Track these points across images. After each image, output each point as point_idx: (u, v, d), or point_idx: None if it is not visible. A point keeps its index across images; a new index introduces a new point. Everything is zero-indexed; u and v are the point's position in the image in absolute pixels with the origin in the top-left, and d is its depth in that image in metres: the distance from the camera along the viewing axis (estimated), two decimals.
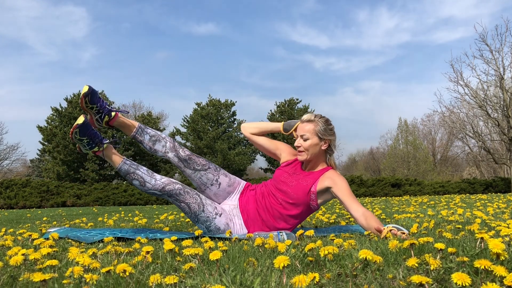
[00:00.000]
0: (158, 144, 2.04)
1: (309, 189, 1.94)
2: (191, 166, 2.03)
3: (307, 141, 1.96)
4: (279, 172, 2.08)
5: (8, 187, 14.72)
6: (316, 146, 1.96)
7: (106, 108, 1.97)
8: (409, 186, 17.53)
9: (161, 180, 1.96)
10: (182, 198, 1.95)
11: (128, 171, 1.96)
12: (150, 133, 2.05)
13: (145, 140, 2.04)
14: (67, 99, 21.95)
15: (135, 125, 2.04)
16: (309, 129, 1.96)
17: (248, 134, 2.19)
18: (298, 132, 2.00)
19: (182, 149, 2.06)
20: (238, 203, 2.07)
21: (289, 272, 1.01)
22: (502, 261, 0.96)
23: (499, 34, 18.46)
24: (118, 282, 0.92)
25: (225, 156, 21.90)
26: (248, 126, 2.20)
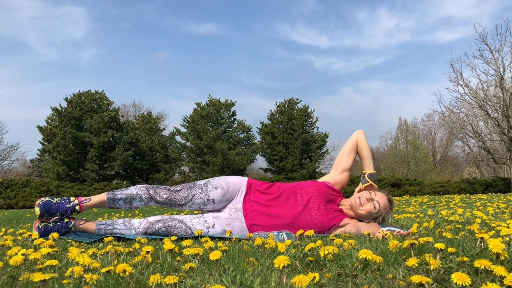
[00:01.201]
0: (135, 202, 1.99)
1: (336, 223, 1.97)
2: (175, 204, 2.00)
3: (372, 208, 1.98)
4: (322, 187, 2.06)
5: (8, 187, 14.72)
6: (369, 217, 2.01)
7: (68, 208, 1.91)
8: (409, 186, 17.53)
9: (140, 227, 1.93)
10: (167, 232, 1.93)
11: (106, 233, 1.92)
12: (122, 197, 1.98)
13: (121, 206, 1.99)
14: (67, 99, 21.94)
15: (103, 200, 1.97)
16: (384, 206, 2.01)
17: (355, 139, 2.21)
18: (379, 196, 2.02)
19: (158, 195, 1.99)
20: (242, 206, 2.02)
21: (289, 272, 1.01)
22: (502, 261, 0.96)
23: (499, 34, 18.48)
24: (118, 282, 0.92)
25: (225, 156, 21.90)
26: (362, 137, 2.21)
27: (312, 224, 1.94)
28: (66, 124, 21.37)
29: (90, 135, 21.39)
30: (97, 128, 21.54)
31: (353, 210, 2.02)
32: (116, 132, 22.62)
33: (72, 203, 1.92)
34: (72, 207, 1.92)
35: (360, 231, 1.81)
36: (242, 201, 2.02)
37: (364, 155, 2.18)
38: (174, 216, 2.01)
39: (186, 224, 1.95)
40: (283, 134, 23.43)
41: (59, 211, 1.89)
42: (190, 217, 1.99)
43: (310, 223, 1.94)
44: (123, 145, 22.41)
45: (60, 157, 20.81)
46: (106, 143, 21.75)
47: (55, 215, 1.89)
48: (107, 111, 22.27)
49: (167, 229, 1.94)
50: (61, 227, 1.88)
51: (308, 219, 1.95)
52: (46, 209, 1.87)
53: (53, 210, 1.88)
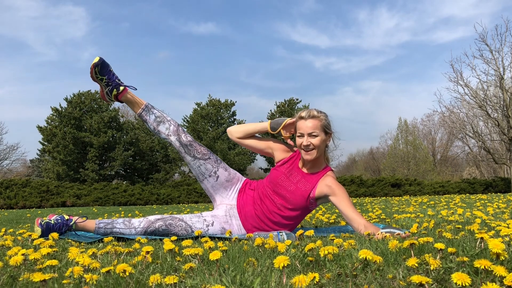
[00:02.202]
0: (162, 126, 2.03)
1: (308, 194, 1.93)
2: (191, 153, 2.02)
3: (316, 138, 1.88)
4: (275, 173, 2.01)
5: (8, 187, 14.72)
6: (323, 142, 1.92)
7: (115, 82, 1.98)
8: (409, 186, 17.53)
9: (140, 226, 1.93)
10: (168, 231, 1.94)
11: (105, 233, 1.93)
12: (156, 113, 2.04)
13: (150, 120, 2.03)
14: (67, 99, 21.94)
15: (143, 103, 2.05)
16: (316, 125, 1.88)
17: (234, 139, 2.12)
18: (303, 130, 1.89)
19: (185, 134, 2.05)
20: (236, 203, 2.06)
21: (289, 272, 1.01)
22: (502, 261, 0.96)
23: (499, 34, 18.48)
24: (118, 282, 0.92)
25: (225, 156, 21.91)
26: (233, 130, 2.12)
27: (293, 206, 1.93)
28: (66, 124, 21.38)
29: (90, 135, 21.39)
30: (97, 128, 21.54)
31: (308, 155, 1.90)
32: (116, 132, 22.62)
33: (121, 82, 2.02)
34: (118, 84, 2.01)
35: (358, 230, 1.80)
36: (236, 198, 2.06)
37: (250, 131, 2.10)
38: (174, 215, 2.01)
39: (186, 223, 1.95)
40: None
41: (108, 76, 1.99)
42: (190, 216, 2.00)
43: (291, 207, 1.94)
44: (123, 145, 22.41)
45: (60, 157, 20.81)
46: (106, 143, 21.75)
47: (103, 77, 1.98)
48: (107, 111, 22.28)
49: (167, 228, 1.94)
50: (62, 225, 1.90)
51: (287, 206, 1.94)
52: (103, 65, 1.98)
53: (105, 71, 1.99)
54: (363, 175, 23.82)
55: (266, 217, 1.97)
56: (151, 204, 14.99)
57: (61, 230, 1.89)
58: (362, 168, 36.00)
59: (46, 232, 1.85)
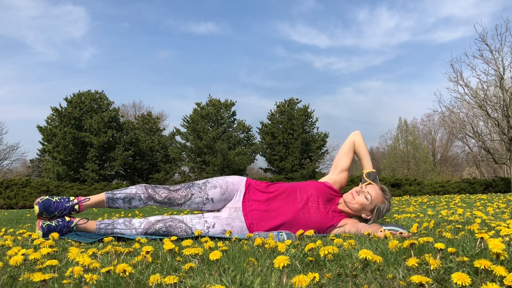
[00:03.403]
0: (134, 202, 2.00)
1: (334, 223, 1.98)
2: (174, 203, 2.01)
3: (365, 201, 1.99)
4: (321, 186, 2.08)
5: (8, 187, 14.72)
6: (364, 210, 2.02)
7: (67, 207, 1.93)
8: (409, 186, 17.53)
9: (140, 227, 1.94)
10: (168, 232, 1.94)
11: (106, 233, 1.93)
12: (121, 197, 1.99)
13: (120, 205, 2.00)
14: (67, 99, 21.94)
15: (103, 199, 1.98)
16: (377, 196, 2.01)
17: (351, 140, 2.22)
18: (369, 186, 2.04)
19: (157, 194, 2.00)
20: (241, 205, 2.02)
21: (289, 272, 1.01)
22: (502, 261, 0.96)
23: (499, 34, 18.47)
24: (118, 282, 0.92)
25: (225, 156, 21.90)
26: (359, 138, 2.23)
27: (311, 222, 1.95)
28: (66, 124, 21.37)
29: (90, 135, 21.39)
30: (97, 128, 21.54)
31: (347, 206, 2.03)
32: (116, 132, 22.62)
33: (71, 202, 1.94)
34: (71, 206, 1.93)
35: (360, 231, 1.81)
36: (242, 201, 2.03)
37: (362, 155, 2.21)
38: (174, 216, 2.01)
39: (187, 224, 1.95)
40: (283, 134, 23.43)
41: (58, 209, 1.91)
42: (190, 217, 2.00)
43: (309, 222, 1.95)
44: (123, 145, 22.41)
45: (60, 157, 20.81)
46: (106, 143, 21.75)
47: (53, 214, 1.91)
48: (107, 111, 22.27)
49: (167, 229, 1.94)
50: (63, 227, 1.90)
51: (307, 218, 1.95)
52: (45, 207, 1.89)
53: (52, 208, 1.90)
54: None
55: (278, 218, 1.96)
56: None
57: (62, 232, 1.89)
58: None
59: (47, 235, 1.85)
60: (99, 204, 1.99)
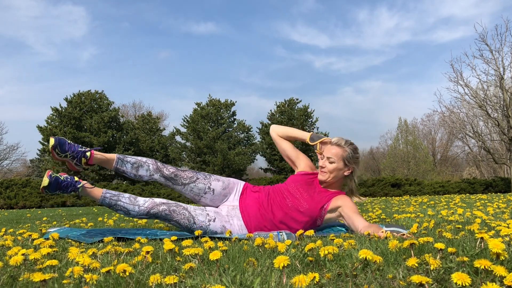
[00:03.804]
0: (141, 170, 2.02)
1: (323, 205, 1.97)
2: (179, 182, 2.03)
3: (333, 164, 1.99)
4: (296, 177, 2.09)
5: (8, 187, 14.72)
6: (339, 171, 2.01)
7: (79, 151, 1.95)
8: (409, 186, 17.53)
9: (144, 205, 1.94)
10: (170, 217, 1.94)
11: (110, 204, 1.94)
12: (130, 161, 2.02)
13: (127, 170, 2.02)
14: (67, 99, 21.94)
15: (113, 158, 2.01)
16: (337, 153, 2.00)
17: (275, 135, 2.22)
18: (325, 153, 2.03)
19: (166, 168, 2.04)
20: (238, 203, 2.06)
21: (289, 272, 1.01)
22: (502, 261, 0.96)
23: (499, 34, 18.48)
24: (118, 282, 0.92)
25: (225, 156, 21.90)
26: (277, 128, 2.24)
27: (303, 211, 1.96)
28: (66, 124, 21.37)
29: (90, 135, 21.39)
30: (97, 128, 21.54)
31: (327, 182, 2.04)
32: (116, 132, 22.62)
33: (84, 149, 1.97)
34: (83, 151, 1.96)
35: (359, 230, 1.80)
36: (239, 200, 2.07)
37: (291, 134, 2.21)
38: (179, 203, 2.03)
39: (190, 213, 1.96)
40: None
41: (71, 150, 1.94)
42: (194, 208, 2.02)
43: (301, 211, 1.96)
44: (123, 145, 22.41)
45: None
46: (106, 143, 21.75)
47: (66, 153, 1.92)
48: (107, 111, 22.28)
49: (170, 213, 1.94)
50: (70, 184, 1.91)
51: (297, 209, 1.97)
52: (60, 143, 1.91)
53: (65, 147, 1.93)
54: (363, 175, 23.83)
55: (272, 214, 1.98)
56: None
57: (68, 189, 1.90)
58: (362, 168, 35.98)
59: (53, 185, 1.86)
60: (108, 163, 2.01)
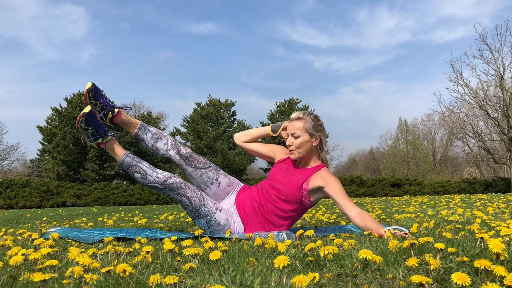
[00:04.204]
0: (160, 142, 2.08)
1: (301, 185, 1.95)
2: (192, 164, 2.06)
3: (298, 138, 1.97)
4: (273, 169, 2.11)
5: (8, 187, 14.72)
6: (307, 143, 1.98)
7: (109, 105, 2.03)
8: (409, 186, 17.53)
9: (162, 174, 2.01)
10: (183, 192, 1.97)
11: (130, 163, 2.01)
12: (152, 131, 2.09)
13: (147, 138, 2.08)
14: (67, 99, 21.95)
15: (137, 123, 2.09)
16: (299, 126, 1.98)
17: (240, 143, 2.23)
18: (288, 130, 2.02)
19: (183, 147, 2.11)
20: (234, 201, 2.09)
21: (289, 272, 1.01)
22: (502, 261, 0.96)
23: (499, 34, 18.49)
24: (118, 282, 0.92)
25: (225, 156, 21.90)
26: (239, 135, 2.25)
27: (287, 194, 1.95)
28: (66, 124, 21.37)
29: None
30: None
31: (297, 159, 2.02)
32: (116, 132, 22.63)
33: (113, 103, 2.07)
34: (112, 106, 2.05)
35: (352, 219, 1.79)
36: (235, 199, 2.11)
37: (254, 135, 2.23)
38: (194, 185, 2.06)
39: (202, 195, 1.99)
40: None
41: (103, 99, 2.01)
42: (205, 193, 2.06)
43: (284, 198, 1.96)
44: (123, 145, 22.43)
45: (60, 157, 20.81)
46: None
47: (98, 101, 2.00)
48: None
49: (185, 188, 1.98)
50: (102, 127, 2.04)
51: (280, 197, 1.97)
52: (96, 89, 1.99)
53: (99, 95, 2.01)
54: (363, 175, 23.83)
55: (263, 209, 2.00)
56: (151, 204, 14.99)
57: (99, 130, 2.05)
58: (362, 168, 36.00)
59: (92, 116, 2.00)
60: (131, 126, 2.08)
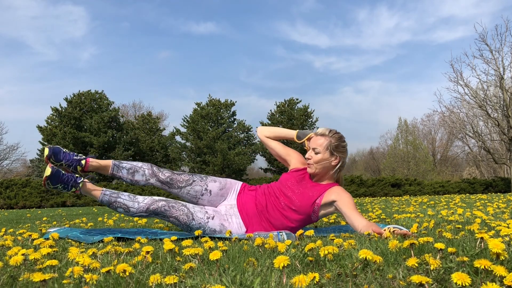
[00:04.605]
0: (137, 175, 2.03)
1: (314, 200, 1.95)
2: (175, 186, 2.04)
3: (318, 154, 1.98)
4: (287, 176, 2.08)
5: (8, 187, 14.72)
6: (326, 161, 1.98)
7: (74, 159, 1.96)
8: (409, 186, 17.53)
9: (144, 201, 1.95)
10: (169, 213, 1.95)
11: (109, 201, 1.95)
12: (126, 167, 2.03)
13: (123, 175, 2.03)
14: (67, 99, 21.94)
15: (109, 165, 2.02)
16: (321, 143, 1.98)
17: (262, 137, 2.23)
18: (310, 144, 2.03)
19: (161, 172, 2.04)
20: (236, 202, 2.07)
21: (289, 272, 1.01)
22: (502, 261, 0.96)
23: (499, 34, 18.49)
24: (118, 282, 0.92)
25: (225, 156, 21.90)
26: (263, 129, 2.24)
27: (297, 207, 1.95)
28: (66, 124, 21.37)
29: (90, 135, 21.39)
30: (97, 128, 21.54)
31: (314, 174, 2.02)
32: (116, 132, 22.62)
33: (79, 157, 1.98)
34: (78, 160, 1.97)
35: (360, 231, 1.80)
36: (236, 199, 2.08)
37: (280, 134, 2.23)
38: (178, 200, 2.03)
39: (189, 209, 1.96)
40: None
41: (66, 159, 1.95)
42: (192, 205, 2.02)
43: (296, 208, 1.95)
44: (123, 145, 22.41)
45: None
46: (106, 143, 21.75)
47: (61, 162, 1.94)
48: (107, 111, 22.28)
49: (169, 209, 1.95)
50: (70, 179, 1.93)
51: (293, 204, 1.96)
52: (55, 152, 1.92)
53: (60, 156, 1.94)
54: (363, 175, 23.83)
55: (269, 215, 1.98)
56: None
57: (69, 184, 1.92)
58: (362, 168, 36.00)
59: (55, 176, 1.88)
60: (104, 169, 2.02)
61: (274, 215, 1.98)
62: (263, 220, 1.99)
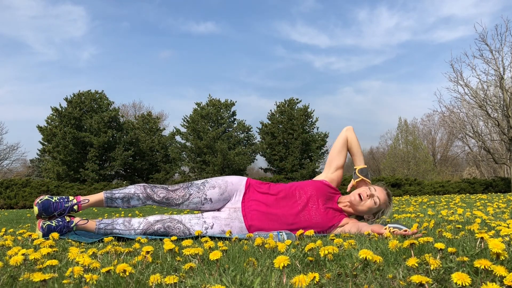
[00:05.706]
0: (132, 201, 2.00)
1: (334, 223, 1.98)
2: (172, 203, 2.01)
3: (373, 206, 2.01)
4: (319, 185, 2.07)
5: (8, 187, 14.72)
6: (369, 213, 2.04)
7: (66, 208, 1.94)
8: (409, 186, 17.53)
9: (139, 227, 1.94)
10: (166, 233, 1.95)
11: (105, 232, 1.94)
12: (119, 196, 1.99)
13: (119, 204, 2.01)
14: (67, 99, 21.95)
15: (101, 198, 1.98)
16: (384, 201, 2.04)
17: (344, 136, 2.19)
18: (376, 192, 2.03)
19: (156, 194, 2.01)
20: (241, 205, 2.01)
21: (289, 272, 1.01)
22: (502, 261, 0.96)
23: (499, 34, 18.49)
24: (118, 282, 0.92)
25: (225, 156, 21.90)
26: (352, 133, 2.20)
27: (312, 224, 1.94)
28: (66, 124, 21.37)
29: (90, 135, 21.39)
30: (97, 128, 21.55)
31: (353, 207, 2.03)
32: (116, 132, 22.62)
33: (70, 203, 1.94)
34: (70, 206, 1.94)
35: (361, 231, 1.80)
36: (241, 201, 2.02)
37: (355, 151, 2.20)
38: (173, 217, 2.00)
39: (185, 225, 1.95)
40: (283, 134, 23.43)
41: (57, 210, 1.92)
42: (189, 218, 1.99)
43: (310, 223, 1.94)
44: (123, 145, 22.42)
45: (60, 157, 20.81)
46: (106, 143, 21.76)
47: (53, 214, 1.91)
48: (107, 111, 22.28)
49: (166, 230, 1.94)
50: (63, 226, 1.90)
51: (307, 219, 1.94)
52: (44, 208, 1.89)
53: (51, 209, 1.91)
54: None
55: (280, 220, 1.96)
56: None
57: (62, 232, 1.90)
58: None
59: (47, 235, 1.86)
60: (98, 204, 1.99)
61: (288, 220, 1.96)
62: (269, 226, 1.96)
